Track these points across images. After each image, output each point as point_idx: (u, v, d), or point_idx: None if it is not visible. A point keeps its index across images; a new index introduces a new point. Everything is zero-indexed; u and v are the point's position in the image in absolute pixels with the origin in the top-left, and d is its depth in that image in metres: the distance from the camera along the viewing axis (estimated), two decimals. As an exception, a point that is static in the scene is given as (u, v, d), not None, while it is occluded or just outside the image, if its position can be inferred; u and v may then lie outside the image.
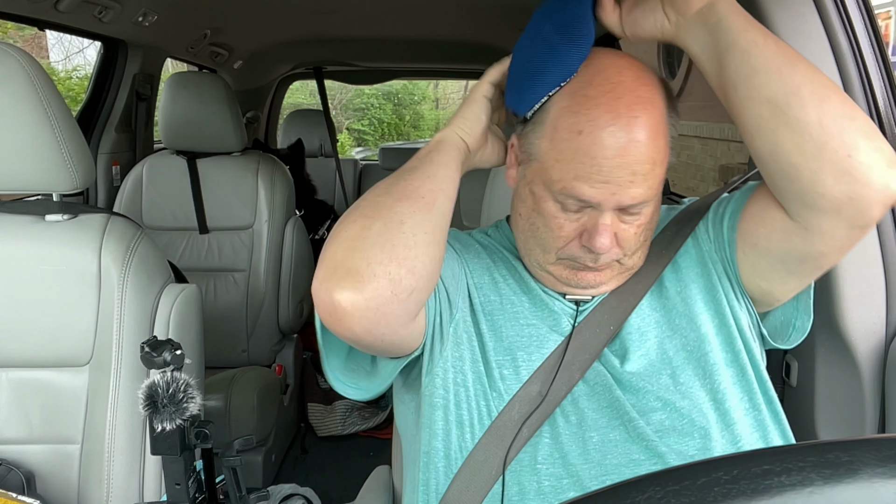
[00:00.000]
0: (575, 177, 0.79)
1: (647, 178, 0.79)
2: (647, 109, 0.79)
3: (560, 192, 0.81)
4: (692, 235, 0.92)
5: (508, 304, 0.90)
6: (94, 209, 1.33)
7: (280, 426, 2.31)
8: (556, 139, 0.81)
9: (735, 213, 0.88)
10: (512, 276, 0.93)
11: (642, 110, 0.79)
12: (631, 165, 0.78)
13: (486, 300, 0.91)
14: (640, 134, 0.78)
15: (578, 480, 0.82)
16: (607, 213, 0.81)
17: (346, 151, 8.89)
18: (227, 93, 2.29)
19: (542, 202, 0.84)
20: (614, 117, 0.78)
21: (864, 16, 1.14)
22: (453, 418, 0.86)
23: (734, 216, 0.88)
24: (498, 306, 0.90)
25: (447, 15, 2.79)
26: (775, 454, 0.33)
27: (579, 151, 0.79)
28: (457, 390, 0.86)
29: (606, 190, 0.79)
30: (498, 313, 0.90)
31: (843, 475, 0.31)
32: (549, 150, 0.82)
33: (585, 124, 0.79)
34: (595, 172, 0.78)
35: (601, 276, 0.87)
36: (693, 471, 0.33)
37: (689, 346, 0.87)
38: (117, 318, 1.20)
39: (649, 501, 0.32)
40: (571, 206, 0.82)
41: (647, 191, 0.80)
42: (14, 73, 1.14)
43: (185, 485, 0.92)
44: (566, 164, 0.80)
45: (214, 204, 2.33)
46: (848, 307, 1.17)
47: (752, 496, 0.31)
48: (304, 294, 2.44)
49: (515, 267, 0.94)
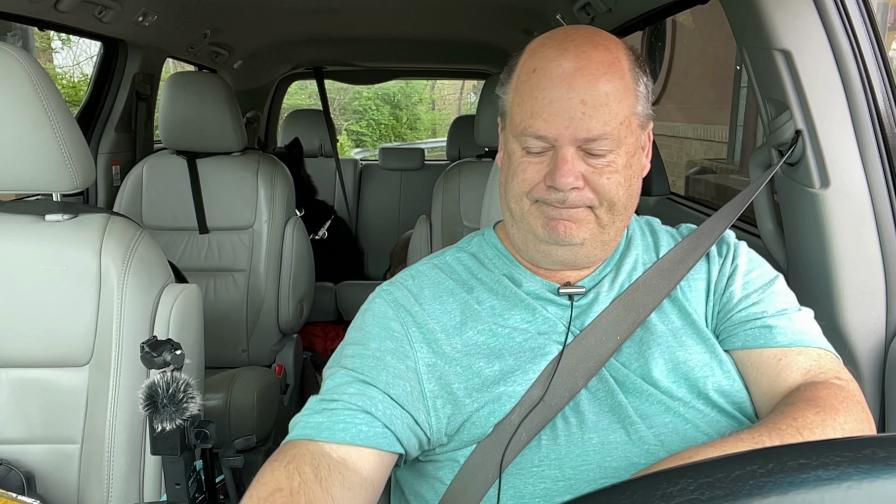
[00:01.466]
0: (531, 114, 0.83)
1: (601, 110, 0.81)
2: (600, 51, 0.83)
3: (522, 134, 0.84)
4: (707, 273, 0.94)
5: (498, 328, 0.89)
6: (94, 209, 1.33)
7: (280, 426, 2.30)
8: (517, 85, 0.86)
9: (738, 344, 0.89)
10: (495, 295, 0.92)
11: (593, 49, 0.83)
12: (581, 91, 0.80)
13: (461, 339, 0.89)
14: (588, 64, 0.81)
15: (575, 483, 0.81)
16: (567, 148, 0.82)
17: (345, 152, 8.89)
18: (227, 93, 2.29)
19: (512, 155, 0.88)
20: (562, 52, 0.82)
21: (864, 16, 1.14)
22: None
23: (734, 342, 0.89)
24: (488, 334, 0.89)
25: (446, 15, 2.79)
26: (811, 448, 0.33)
27: (534, 88, 0.83)
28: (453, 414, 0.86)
29: (559, 123, 0.81)
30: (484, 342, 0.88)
31: (881, 471, 0.31)
32: (513, 99, 0.87)
33: (538, 63, 0.84)
34: (547, 104, 0.81)
35: (574, 228, 0.86)
36: (727, 463, 0.32)
37: (693, 358, 0.87)
38: (117, 318, 1.20)
39: (682, 493, 0.31)
40: (534, 147, 0.84)
41: (603, 126, 0.81)
42: (14, 73, 1.14)
43: (185, 485, 0.92)
44: (524, 105, 0.84)
45: (214, 204, 2.33)
46: (848, 307, 1.17)
47: (788, 490, 0.31)
48: (304, 294, 2.44)
49: (500, 281, 0.93)
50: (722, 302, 0.92)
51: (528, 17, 2.65)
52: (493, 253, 0.98)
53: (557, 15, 2.35)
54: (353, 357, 0.86)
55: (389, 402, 0.82)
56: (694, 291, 0.93)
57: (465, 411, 0.85)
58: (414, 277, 0.96)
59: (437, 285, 0.94)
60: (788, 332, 0.87)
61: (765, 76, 1.23)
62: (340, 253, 3.60)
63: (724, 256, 0.95)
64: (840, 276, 1.17)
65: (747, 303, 0.90)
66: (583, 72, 0.81)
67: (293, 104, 8.46)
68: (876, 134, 1.15)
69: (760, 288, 0.91)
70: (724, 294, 0.92)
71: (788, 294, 0.93)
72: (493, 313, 0.90)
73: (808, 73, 1.15)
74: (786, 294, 0.93)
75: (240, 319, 2.34)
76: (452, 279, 0.95)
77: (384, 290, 0.95)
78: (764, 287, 0.92)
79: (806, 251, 1.24)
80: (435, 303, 0.92)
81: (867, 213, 1.16)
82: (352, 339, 0.90)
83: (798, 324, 0.88)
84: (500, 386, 0.85)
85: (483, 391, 0.85)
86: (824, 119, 1.15)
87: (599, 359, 0.86)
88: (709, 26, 5.48)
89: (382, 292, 0.94)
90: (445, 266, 0.97)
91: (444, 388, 0.86)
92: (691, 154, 5.03)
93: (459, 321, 0.90)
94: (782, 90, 1.18)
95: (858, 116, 1.15)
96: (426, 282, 0.95)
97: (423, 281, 0.95)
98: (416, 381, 0.86)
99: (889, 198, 1.16)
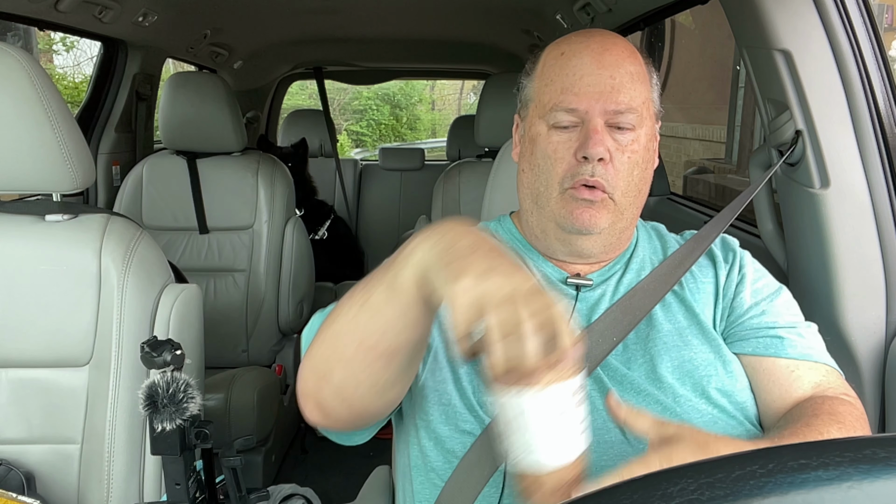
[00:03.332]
0: (562, 90, 0.88)
1: (627, 86, 0.87)
2: (621, 41, 0.91)
3: (551, 111, 0.88)
4: (714, 276, 0.95)
5: None
6: (94, 209, 1.33)
7: (280, 426, 2.30)
8: (545, 70, 0.91)
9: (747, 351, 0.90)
10: None
11: (615, 39, 0.91)
12: (609, 69, 0.87)
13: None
14: (613, 48, 0.88)
15: None
16: (597, 120, 0.86)
17: (345, 152, 8.88)
18: (227, 93, 2.28)
19: (538, 137, 0.90)
20: (588, 37, 0.90)
21: (864, 16, 1.14)
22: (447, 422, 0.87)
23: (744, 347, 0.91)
24: None
25: (446, 15, 2.80)
26: (811, 448, 0.33)
27: (564, 66, 0.89)
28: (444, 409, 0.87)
29: (591, 96, 0.86)
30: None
31: (882, 471, 0.31)
32: (540, 83, 0.92)
33: (566, 48, 0.90)
34: (577, 79, 0.87)
35: (597, 216, 0.88)
36: (727, 463, 0.32)
37: (697, 357, 0.88)
38: (117, 318, 1.20)
39: (682, 493, 0.31)
40: (563, 121, 0.88)
41: (630, 100, 0.86)
42: (14, 73, 1.14)
43: (185, 485, 0.92)
44: (553, 84, 0.89)
45: (214, 204, 2.33)
46: (848, 307, 1.17)
47: (789, 490, 0.30)
48: (304, 294, 2.44)
49: None
50: (732, 307, 0.93)
51: (528, 17, 2.65)
52: (507, 237, 0.99)
53: (557, 15, 2.35)
54: None
55: None
56: (702, 293, 0.94)
57: (453, 400, 0.86)
58: None
59: None
60: (799, 346, 0.89)
61: (765, 76, 1.23)
62: (340, 253, 3.60)
63: (730, 263, 0.96)
64: (840, 276, 1.17)
65: (757, 311, 0.92)
66: (610, 52, 0.88)
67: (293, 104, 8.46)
68: (876, 134, 1.15)
69: (768, 297, 0.94)
70: (734, 300, 0.93)
71: (795, 306, 0.96)
72: None
73: (808, 73, 1.15)
74: (793, 305, 0.95)
75: (240, 319, 2.34)
76: None
77: None
78: (771, 296, 0.94)
79: (806, 251, 1.24)
80: None
81: (867, 213, 1.16)
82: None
83: (808, 339, 0.91)
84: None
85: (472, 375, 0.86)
86: (824, 119, 1.15)
87: (595, 360, 0.86)
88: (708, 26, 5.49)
89: None
90: None
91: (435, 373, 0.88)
92: (689, 154, 5.05)
93: None
94: (782, 90, 1.18)
95: (858, 116, 1.15)
96: None
97: None
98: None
99: (889, 198, 1.16)
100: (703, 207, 2.18)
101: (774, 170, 1.22)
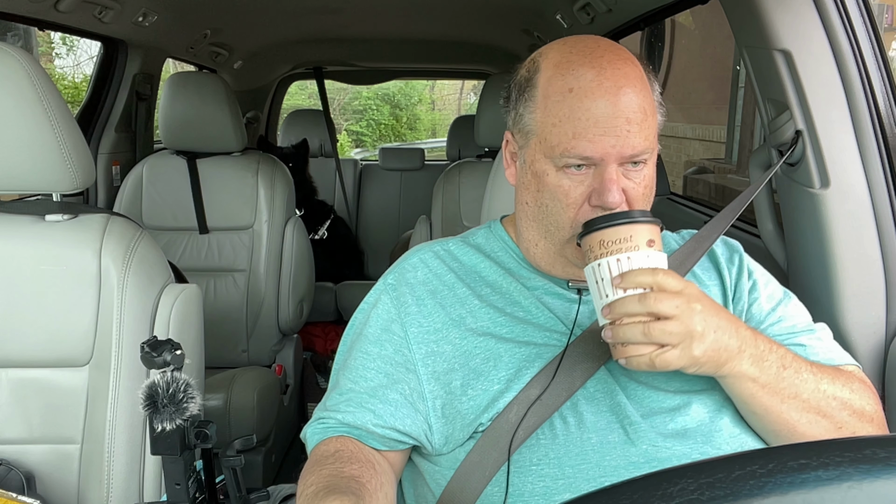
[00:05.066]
0: (573, 135, 0.82)
1: (642, 126, 0.82)
2: (629, 65, 0.84)
3: (561, 156, 0.83)
4: (720, 280, 0.95)
5: (499, 321, 0.90)
6: (94, 209, 1.33)
7: (280, 426, 2.30)
8: (549, 105, 0.84)
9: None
10: (497, 290, 0.93)
11: (624, 64, 0.84)
12: (624, 113, 0.81)
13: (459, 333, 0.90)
14: (627, 84, 0.82)
15: (574, 482, 0.81)
16: (611, 167, 0.82)
17: (345, 152, 8.88)
18: (227, 93, 2.28)
19: (544, 177, 0.86)
20: (599, 71, 0.82)
21: (864, 16, 1.14)
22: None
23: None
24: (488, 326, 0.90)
25: (446, 15, 2.80)
26: (811, 448, 0.33)
27: (573, 109, 0.82)
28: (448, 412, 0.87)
29: (606, 142, 0.81)
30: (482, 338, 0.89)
31: (882, 471, 0.31)
32: (544, 118, 0.85)
33: (573, 82, 0.82)
34: (592, 125, 0.81)
35: None
36: (727, 463, 0.32)
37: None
38: (117, 318, 1.20)
39: (682, 493, 0.31)
40: (574, 168, 0.83)
41: (644, 140, 0.82)
42: (14, 73, 1.14)
43: (185, 485, 0.92)
44: (563, 126, 0.82)
45: (214, 204, 2.33)
46: (848, 307, 1.17)
47: (789, 490, 0.30)
48: (304, 294, 2.44)
49: (504, 276, 0.93)
50: (750, 312, 0.93)
51: (528, 17, 2.65)
52: (499, 246, 0.98)
53: (557, 15, 2.35)
54: (350, 392, 0.91)
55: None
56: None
57: (461, 408, 0.85)
58: (415, 268, 0.96)
59: (439, 278, 0.95)
60: (821, 351, 0.91)
61: (765, 76, 1.23)
62: (340, 253, 3.60)
63: (736, 266, 0.97)
64: (840, 276, 1.17)
65: (774, 317, 0.93)
66: (624, 91, 0.81)
67: (293, 104, 8.47)
68: (876, 134, 1.15)
69: (782, 302, 0.95)
70: (750, 306, 0.93)
71: (803, 307, 0.97)
72: (493, 309, 0.91)
73: (808, 73, 1.15)
74: (802, 307, 0.97)
75: (240, 319, 2.34)
76: (455, 272, 0.95)
77: (389, 284, 0.96)
78: (784, 301, 0.95)
79: (806, 251, 1.24)
80: (435, 297, 0.93)
81: (867, 214, 1.16)
82: (356, 349, 0.93)
83: (825, 341, 0.93)
84: (497, 384, 0.85)
85: (480, 387, 0.85)
86: (824, 119, 1.15)
87: (598, 360, 0.86)
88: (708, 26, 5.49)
89: (388, 288, 0.96)
90: (448, 256, 0.97)
91: (444, 386, 0.87)
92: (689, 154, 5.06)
93: (459, 316, 0.90)
94: (782, 90, 1.18)
95: (858, 116, 1.15)
96: (429, 275, 0.95)
97: (425, 273, 0.95)
98: (417, 383, 0.88)
99: (889, 198, 1.16)
100: (703, 207, 2.18)
101: (774, 170, 1.22)
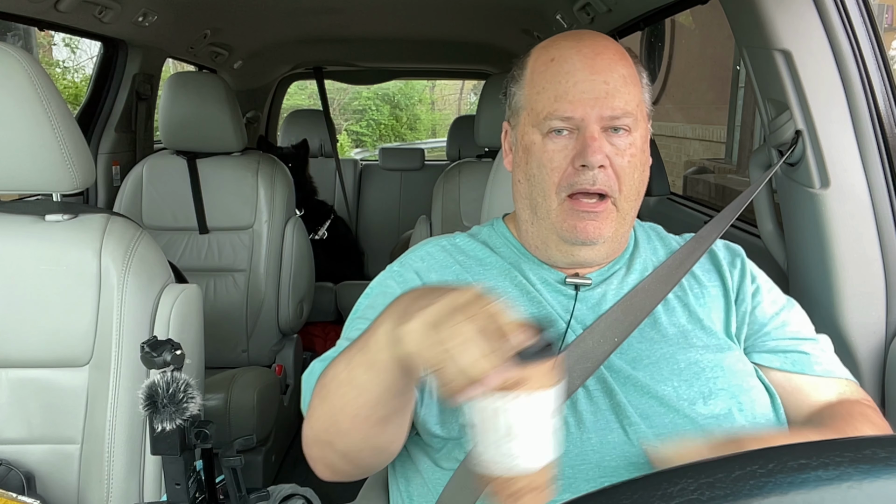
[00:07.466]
0: (555, 98, 0.86)
1: (622, 91, 0.86)
2: (612, 44, 0.90)
3: (545, 120, 0.87)
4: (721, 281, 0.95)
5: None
6: (94, 209, 1.33)
7: (280, 426, 2.30)
8: (534, 77, 0.90)
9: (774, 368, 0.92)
10: (499, 283, 0.93)
11: (604, 39, 0.90)
12: (602, 75, 0.85)
13: None
14: (605, 51, 0.87)
15: (574, 482, 0.81)
16: (594, 126, 0.85)
17: (345, 152, 8.88)
18: (227, 93, 2.28)
19: (532, 147, 0.89)
20: (578, 41, 0.89)
21: (864, 16, 1.14)
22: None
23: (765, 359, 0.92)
24: None
25: (446, 15, 2.80)
26: (811, 448, 0.33)
27: (556, 74, 0.87)
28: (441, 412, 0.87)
29: (586, 103, 0.85)
30: None
31: (882, 471, 0.31)
32: (530, 91, 0.90)
33: (555, 53, 0.89)
34: (571, 86, 0.85)
35: (601, 227, 0.88)
36: (728, 463, 0.32)
37: (703, 360, 0.88)
38: (117, 318, 1.20)
39: (682, 493, 0.31)
40: (556, 133, 0.87)
41: (625, 104, 0.85)
42: (14, 73, 1.14)
43: (185, 485, 0.92)
44: (546, 92, 0.87)
45: (214, 204, 2.33)
46: (848, 307, 1.17)
47: (789, 490, 0.30)
48: (304, 294, 2.44)
49: (506, 269, 0.94)
50: (754, 315, 0.93)
51: (528, 18, 2.65)
52: (501, 241, 0.99)
53: (557, 15, 2.35)
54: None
55: None
56: (707, 298, 0.94)
57: None
58: (423, 259, 0.98)
59: (445, 269, 0.96)
60: (824, 362, 0.92)
61: (765, 76, 1.23)
62: (340, 253, 3.60)
63: (738, 269, 0.97)
64: (840, 277, 1.17)
65: (777, 321, 0.93)
66: (602, 57, 0.86)
67: (293, 104, 8.47)
68: (876, 134, 1.15)
69: (785, 307, 0.95)
70: (754, 310, 0.94)
71: (806, 315, 0.97)
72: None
73: (808, 73, 1.15)
74: (804, 315, 0.97)
75: (240, 319, 2.34)
76: (460, 265, 0.96)
77: (394, 270, 0.98)
78: (787, 306, 0.96)
79: (806, 251, 1.24)
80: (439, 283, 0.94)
81: (867, 214, 1.16)
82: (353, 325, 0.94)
83: (828, 353, 0.94)
84: None
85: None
86: (824, 119, 1.15)
87: (597, 360, 0.86)
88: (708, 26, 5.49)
89: (393, 273, 0.97)
90: (455, 249, 0.99)
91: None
92: (689, 154, 5.07)
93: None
94: (782, 90, 1.18)
95: (858, 116, 1.15)
96: (434, 264, 0.97)
97: (431, 263, 0.97)
98: None
99: (889, 198, 1.16)
100: (703, 207, 2.18)
101: (774, 170, 1.22)
